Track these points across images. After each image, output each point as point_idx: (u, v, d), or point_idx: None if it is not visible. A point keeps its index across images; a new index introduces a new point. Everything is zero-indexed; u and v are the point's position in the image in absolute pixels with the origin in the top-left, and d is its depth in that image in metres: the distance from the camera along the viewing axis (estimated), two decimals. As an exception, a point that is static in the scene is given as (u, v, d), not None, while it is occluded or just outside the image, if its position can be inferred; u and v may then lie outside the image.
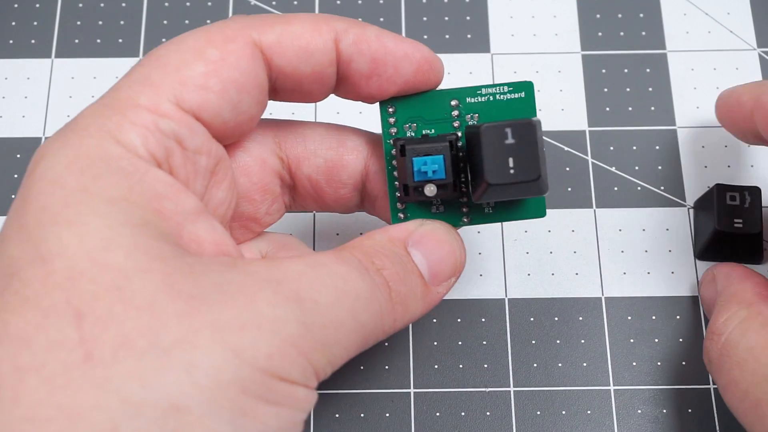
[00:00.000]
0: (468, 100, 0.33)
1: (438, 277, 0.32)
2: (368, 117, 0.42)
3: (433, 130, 0.33)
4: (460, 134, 0.33)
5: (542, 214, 0.34)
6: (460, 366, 0.38)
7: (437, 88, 0.33)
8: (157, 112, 0.29)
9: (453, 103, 0.33)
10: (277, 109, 0.42)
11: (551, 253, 0.40)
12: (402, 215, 0.33)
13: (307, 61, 0.31)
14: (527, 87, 0.33)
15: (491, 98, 0.33)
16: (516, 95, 0.33)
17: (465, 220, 0.33)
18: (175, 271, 0.26)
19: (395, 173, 0.33)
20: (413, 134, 0.33)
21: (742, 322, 0.34)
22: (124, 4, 0.44)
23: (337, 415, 0.37)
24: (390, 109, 0.33)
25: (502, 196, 0.32)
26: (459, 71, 0.43)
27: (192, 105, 0.29)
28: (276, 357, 0.26)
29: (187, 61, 0.30)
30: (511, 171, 0.30)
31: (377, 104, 0.33)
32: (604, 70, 0.43)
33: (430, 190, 0.32)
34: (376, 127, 0.42)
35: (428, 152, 0.32)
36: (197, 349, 0.25)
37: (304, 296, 0.27)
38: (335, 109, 0.42)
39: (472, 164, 0.32)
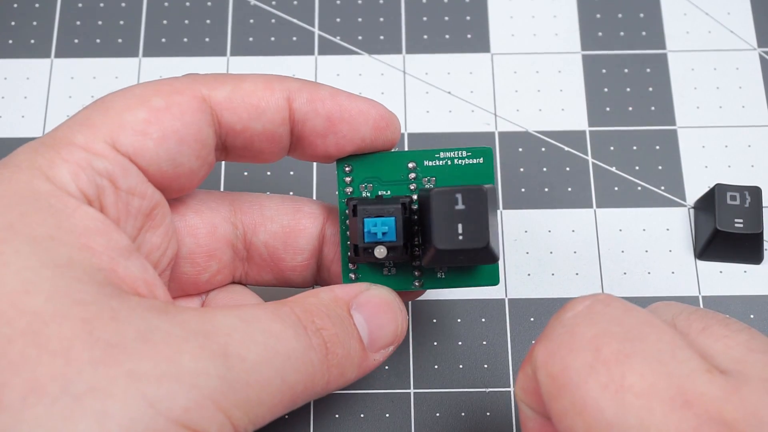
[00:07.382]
0: (426, 163, 0.33)
1: (377, 343, 0.31)
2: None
3: (389, 192, 0.33)
4: (415, 197, 0.33)
5: (495, 282, 0.33)
6: (460, 366, 0.38)
7: (395, 149, 0.33)
8: (92, 150, 0.29)
9: (410, 165, 0.33)
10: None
11: (551, 253, 0.40)
12: (353, 275, 0.33)
13: (258, 118, 0.31)
14: (486, 153, 0.33)
15: (449, 162, 0.33)
16: (474, 161, 0.33)
17: (417, 283, 0.33)
18: (95, 317, 0.26)
19: (348, 233, 0.33)
20: (369, 195, 0.33)
21: None
22: (123, 4, 0.44)
23: (336, 416, 0.37)
24: (347, 168, 0.33)
25: (452, 262, 0.31)
26: (459, 71, 0.43)
27: (128, 149, 0.30)
28: (193, 411, 0.25)
29: (131, 106, 0.30)
30: (460, 237, 0.30)
31: (335, 161, 0.33)
32: (604, 70, 0.43)
33: (379, 251, 0.32)
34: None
35: (380, 213, 0.32)
36: (110, 398, 0.25)
37: (232, 352, 0.27)
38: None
39: (423, 228, 0.32)
